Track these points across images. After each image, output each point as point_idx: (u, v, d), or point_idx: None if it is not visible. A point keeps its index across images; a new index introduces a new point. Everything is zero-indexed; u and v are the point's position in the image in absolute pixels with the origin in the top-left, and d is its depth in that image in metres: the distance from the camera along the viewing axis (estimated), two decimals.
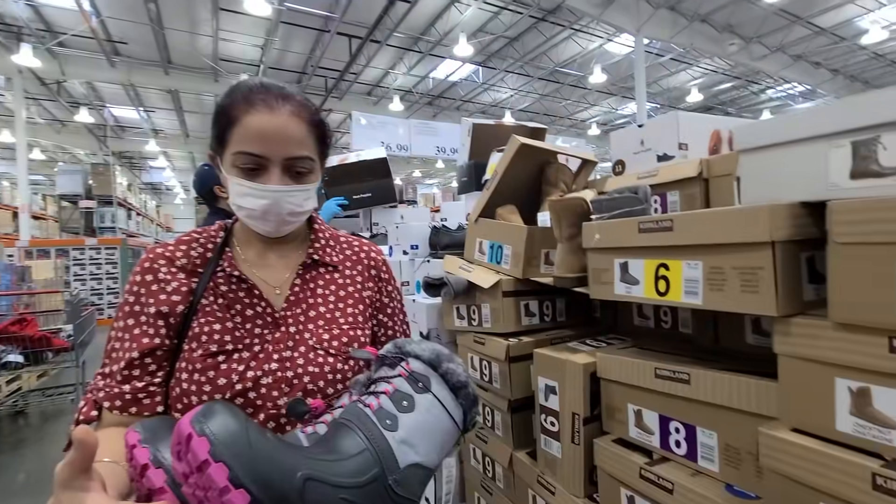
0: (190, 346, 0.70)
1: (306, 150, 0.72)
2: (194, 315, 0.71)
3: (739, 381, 0.72)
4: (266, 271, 0.79)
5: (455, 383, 0.56)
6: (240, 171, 0.70)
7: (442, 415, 0.55)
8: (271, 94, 0.71)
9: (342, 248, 0.87)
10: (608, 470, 0.91)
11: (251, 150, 0.69)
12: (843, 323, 0.56)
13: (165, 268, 0.73)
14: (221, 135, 0.72)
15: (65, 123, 12.47)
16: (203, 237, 0.79)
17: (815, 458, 0.57)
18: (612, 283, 0.89)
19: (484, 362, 1.30)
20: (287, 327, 0.75)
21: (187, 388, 0.68)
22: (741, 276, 0.65)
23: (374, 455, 0.48)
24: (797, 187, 0.63)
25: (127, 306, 0.71)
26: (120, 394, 0.67)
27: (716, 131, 1.25)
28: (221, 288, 0.74)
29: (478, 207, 1.43)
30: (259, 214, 0.71)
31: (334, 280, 0.83)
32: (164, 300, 0.71)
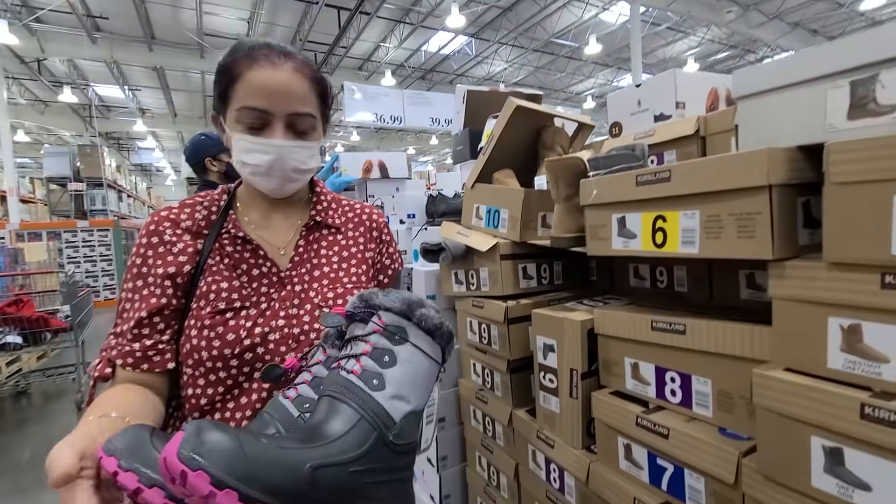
0: (198, 304, 0.71)
1: (309, 106, 0.73)
2: (201, 275, 0.73)
3: (734, 328, 0.74)
4: (270, 233, 0.80)
5: (430, 327, 0.56)
6: (244, 128, 0.71)
7: (423, 359, 0.55)
8: (274, 51, 0.71)
9: (344, 210, 0.89)
10: (605, 420, 0.94)
11: (255, 104, 0.69)
12: (836, 262, 0.57)
13: (171, 230, 0.74)
14: (224, 91, 0.72)
15: (48, 104, 12.17)
16: (207, 200, 0.80)
17: (806, 394, 0.59)
18: (609, 239, 0.89)
19: (483, 325, 1.32)
20: (292, 286, 0.76)
21: (197, 343, 0.70)
22: (738, 223, 0.66)
23: (370, 421, 0.49)
24: (795, 132, 0.63)
25: (135, 268, 0.73)
26: (131, 352, 0.69)
27: (713, 89, 1.24)
28: (227, 249, 0.75)
29: (474, 173, 1.42)
30: (264, 170, 0.72)
31: (337, 241, 0.84)
32: (171, 261, 0.72)
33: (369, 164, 2.39)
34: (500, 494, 1.33)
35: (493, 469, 1.36)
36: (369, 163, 2.39)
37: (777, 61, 0.65)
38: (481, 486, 1.42)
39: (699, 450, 0.75)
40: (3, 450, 3.10)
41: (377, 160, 2.40)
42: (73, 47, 8.90)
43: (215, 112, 0.77)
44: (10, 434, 3.37)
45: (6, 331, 3.47)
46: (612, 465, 0.94)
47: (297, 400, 0.58)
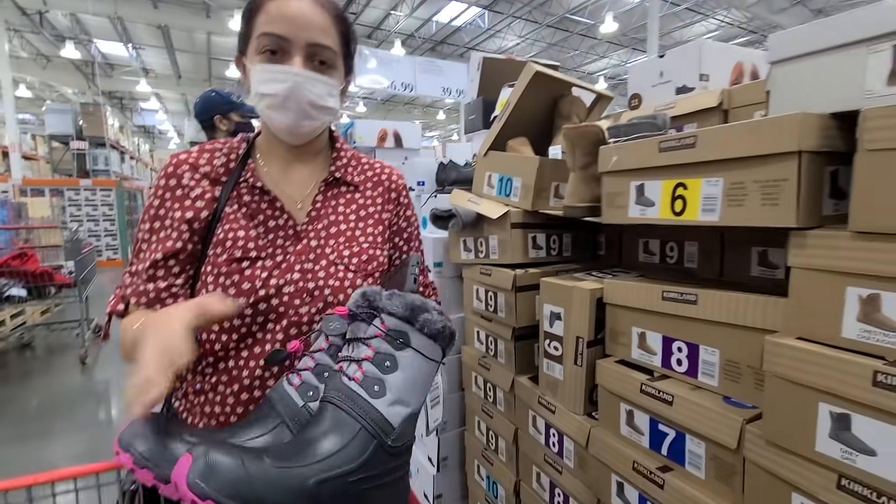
0: (215, 251, 0.71)
1: (330, 39, 0.71)
2: (218, 222, 0.72)
3: (747, 299, 0.74)
4: (288, 186, 0.79)
5: (433, 332, 0.56)
6: (263, 57, 0.69)
7: (424, 363, 0.56)
8: None
9: (363, 168, 0.87)
10: (609, 387, 0.95)
11: (273, 30, 0.68)
12: (862, 231, 0.56)
13: (189, 174, 0.73)
14: (247, 28, 0.71)
15: (50, 59, 11.92)
16: (226, 147, 0.78)
17: (819, 361, 0.59)
18: (626, 207, 0.89)
19: (490, 293, 1.32)
20: (308, 241, 0.76)
21: (212, 290, 0.70)
22: (762, 190, 0.65)
23: (370, 431, 0.50)
24: (829, 99, 0.61)
25: (152, 209, 0.72)
26: (145, 291, 0.70)
27: (738, 63, 1.21)
28: (245, 198, 0.75)
29: (488, 140, 1.40)
30: (280, 101, 0.70)
31: (355, 199, 0.83)
32: (189, 206, 0.72)
33: (384, 133, 2.37)
34: (498, 457, 1.37)
35: (491, 433, 1.39)
36: (384, 131, 2.37)
37: (815, 24, 0.63)
38: (479, 449, 1.46)
39: (703, 416, 0.77)
40: (8, 400, 3.16)
41: (392, 129, 2.38)
42: (76, 0, 8.66)
43: (239, 53, 0.75)
44: (14, 385, 3.44)
45: (10, 283, 3.49)
46: (612, 431, 0.96)
47: (301, 388, 0.59)
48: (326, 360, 0.60)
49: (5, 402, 3.11)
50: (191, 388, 0.75)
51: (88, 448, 2.56)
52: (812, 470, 0.61)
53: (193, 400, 0.74)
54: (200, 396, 0.73)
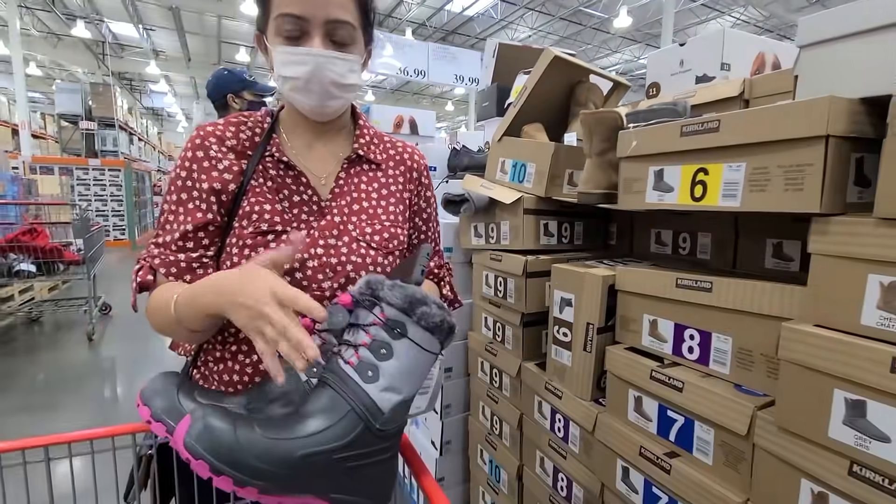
0: (240, 223, 0.72)
1: (348, 14, 0.69)
2: (244, 195, 0.73)
3: (764, 286, 0.74)
4: (312, 162, 0.79)
5: (430, 325, 0.57)
6: (282, 40, 0.69)
7: (420, 354, 0.57)
8: None
9: (386, 147, 0.87)
10: (618, 374, 0.95)
11: (290, 10, 0.67)
12: (887, 217, 0.56)
13: (216, 146, 0.74)
14: (264, 7, 0.70)
15: (61, 37, 11.92)
16: (251, 121, 0.79)
17: (836, 347, 0.59)
18: (643, 192, 0.88)
19: (499, 279, 1.32)
20: (332, 216, 0.76)
21: (237, 261, 0.71)
22: (786, 175, 0.64)
23: (358, 413, 0.53)
24: (859, 83, 0.61)
25: (179, 181, 0.72)
26: (175, 262, 0.70)
27: (761, 54, 1.19)
28: (270, 172, 0.75)
29: (503, 125, 1.39)
30: (302, 84, 0.70)
31: (377, 178, 0.83)
32: (217, 177, 0.72)
33: (400, 119, 2.37)
34: (502, 442, 1.38)
35: (496, 418, 1.40)
36: (400, 118, 2.37)
37: (845, 7, 0.62)
38: (483, 434, 1.47)
39: (714, 402, 0.77)
40: (16, 372, 3.21)
41: (408, 116, 2.38)
42: None
43: (258, 31, 0.74)
44: (21, 358, 3.48)
45: (20, 258, 3.52)
46: (620, 417, 0.96)
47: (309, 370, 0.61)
48: (332, 340, 0.62)
49: (13, 375, 3.16)
50: (210, 357, 0.76)
51: (94, 421, 2.59)
52: (824, 456, 0.61)
53: (213, 367, 0.75)
54: (220, 364, 0.74)
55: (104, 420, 2.60)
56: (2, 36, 10.32)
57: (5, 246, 3.48)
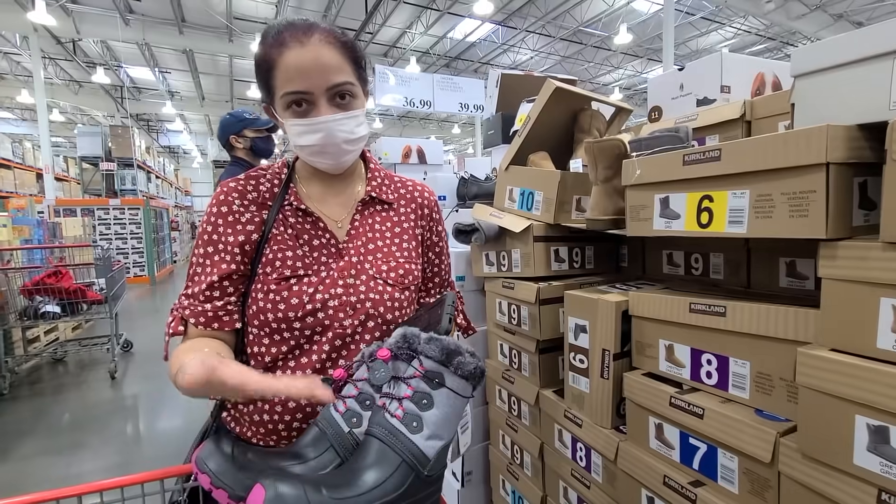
0: (264, 270, 0.76)
1: (345, 75, 0.74)
2: (266, 243, 0.77)
3: (777, 310, 0.74)
4: (328, 207, 0.84)
5: (466, 374, 0.61)
6: (292, 113, 0.74)
7: (457, 401, 0.61)
8: (298, 29, 0.72)
9: (396, 186, 0.92)
10: (637, 401, 0.95)
11: (294, 88, 0.71)
12: (894, 242, 0.56)
13: (238, 201, 0.78)
14: (267, 83, 0.75)
15: (82, 84, 12.51)
16: (269, 173, 0.84)
17: (854, 372, 0.59)
18: (650, 220, 0.89)
19: (513, 306, 1.33)
20: (349, 257, 0.80)
21: (263, 306, 0.75)
22: (790, 202, 0.65)
23: (409, 464, 0.56)
24: (855, 109, 0.62)
25: (206, 235, 0.77)
26: (203, 311, 0.74)
27: (760, 74, 1.21)
28: (290, 220, 0.80)
29: (509, 154, 1.42)
30: (318, 149, 0.75)
31: (390, 217, 0.88)
32: (240, 230, 0.77)
33: (408, 150, 2.43)
34: (524, 472, 1.36)
35: (516, 448, 1.38)
36: (408, 148, 2.44)
37: (839, 37, 0.64)
38: (504, 464, 1.45)
39: (735, 429, 0.76)
40: (42, 413, 3.27)
41: (416, 146, 2.45)
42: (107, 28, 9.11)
43: (265, 104, 0.80)
44: (48, 398, 3.55)
45: (46, 300, 3.63)
46: (641, 445, 0.95)
47: (346, 414, 0.65)
48: (368, 389, 0.66)
49: (40, 415, 3.21)
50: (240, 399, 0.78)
51: (119, 460, 2.62)
52: (850, 484, 0.60)
53: (242, 409, 0.78)
54: (249, 406, 0.77)
55: (129, 459, 2.63)
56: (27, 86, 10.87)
57: (32, 289, 3.59)
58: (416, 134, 17.05)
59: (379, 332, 0.79)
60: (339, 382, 0.69)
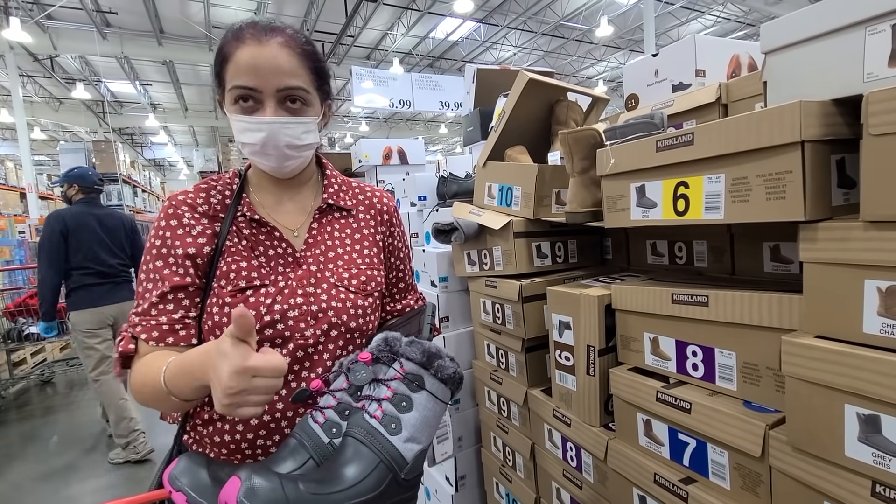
0: (219, 283, 0.72)
1: (299, 80, 0.71)
2: (220, 256, 0.73)
3: (760, 298, 0.71)
4: (282, 215, 0.81)
5: (445, 377, 0.62)
6: (238, 108, 0.71)
7: (436, 405, 0.61)
8: (259, 28, 0.70)
9: (354, 193, 0.90)
10: (624, 397, 0.92)
11: (243, 83, 0.69)
12: (875, 221, 0.54)
13: (189, 213, 0.75)
14: (219, 74, 0.72)
15: (62, 101, 12.33)
16: (220, 184, 0.80)
17: (841, 360, 0.56)
18: (627, 210, 0.86)
19: (497, 305, 1.30)
20: (308, 266, 0.77)
21: (219, 320, 0.71)
22: (767, 184, 0.62)
23: (387, 464, 0.56)
24: (829, 84, 0.59)
25: (154, 249, 0.73)
26: (157, 325, 0.70)
27: (735, 56, 1.18)
28: (244, 231, 0.76)
29: (486, 150, 1.39)
30: (258, 148, 0.72)
31: (349, 224, 0.85)
32: (191, 243, 0.73)
33: (389, 151, 2.39)
34: (517, 474, 1.33)
35: (508, 449, 1.35)
36: (388, 149, 2.39)
37: (808, 9, 0.61)
38: (497, 466, 1.42)
39: (724, 423, 0.73)
40: (33, 436, 3.19)
41: (396, 147, 2.40)
42: (84, 43, 8.96)
43: (219, 97, 0.76)
44: (37, 420, 3.47)
45: (29, 321, 3.55)
46: (631, 442, 0.92)
47: (326, 425, 0.63)
48: (347, 399, 0.64)
49: (30, 439, 3.14)
50: (198, 420, 0.74)
51: (110, 481, 2.56)
52: (843, 476, 0.58)
53: (202, 430, 0.74)
54: (208, 426, 0.73)
55: (119, 480, 2.57)
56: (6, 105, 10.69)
57: (14, 311, 3.51)
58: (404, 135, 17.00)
59: (342, 340, 0.75)
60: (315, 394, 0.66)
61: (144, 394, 0.67)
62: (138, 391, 0.68)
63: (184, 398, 0.62)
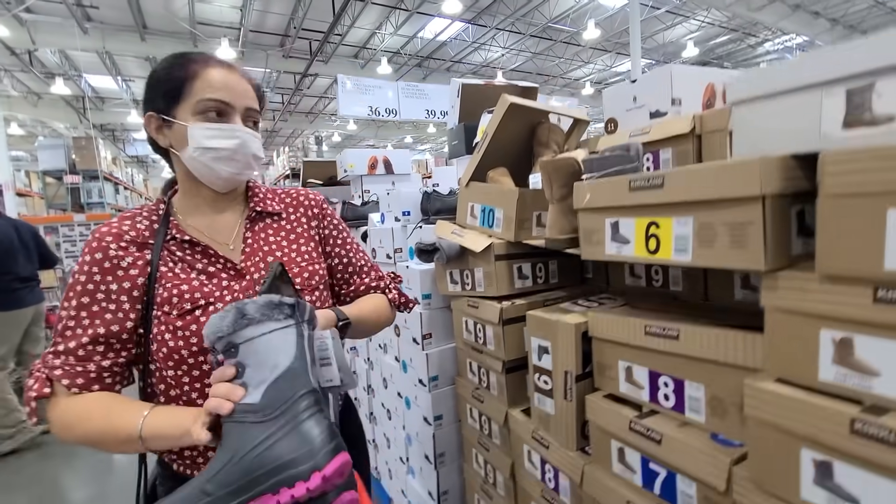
0: (162, 310, 0.72)
1: (256, 104, 0.81)
2: (156, 283, 0.73)
3: (727, 335, 0.74)
4: (214, 232, 0.82)
5: (255, 319, 0.61)
6: (205, 118, 0.75)
7: (264, 343, 0.60)
8: (223, 61, 0.79)
9: (281, 197, 0.94)
10: (599, 424, 0.94)
11: (219, 97, 0.75)
12: (829, 275, 0.56)
13: (115, 244, 0.73)
14: (178, 89, 0.75)
15: (41, 96, 12.01)
16: (146, 210, 0.81)
17: (797, 407, 0.58)
18: (603, 244, 0.88)
19: (478, 325, 1.32)
20: (251, 276, 0.79)
21: (174, 345, 0.71)
22: (730, 232, 0.65)
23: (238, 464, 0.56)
24: (789, 139, 0.62)
25: (79, 286, 0.70)
26: (83, 372, 0.68)
27: (710, 84, 1.21)
28: (177, 254, 0.77)
29: (468, 171, 1.40)
30: (229, 154, 0.76)
31: (282, 227, 0.89)
32: (123, 276, 0.72)
33: (374, 160, 2.39)
34: (497, 492, 1.35)
35: (489, 467, 1.37)
36: (374, 158, 2.39)
37: (771, 67, 0.64)
38: (478, 483, 1.44)
39: (691, 456, 0.76)
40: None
41: (382, 156, 2.40)
42: (64, 38, 8.74)
43: (154, 111, 0.77)
44: None
45: None
46: (605, 468, 0.94)
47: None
48: None
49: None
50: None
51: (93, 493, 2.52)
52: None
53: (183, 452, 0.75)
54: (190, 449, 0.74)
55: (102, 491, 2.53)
56: None
57: None
58: (392, 135, 16.92)
59: None
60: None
61: (81, 434, 0.66)
62: (68, 429, 0.66)
63: (161, 450, 0.64)
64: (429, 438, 1.52)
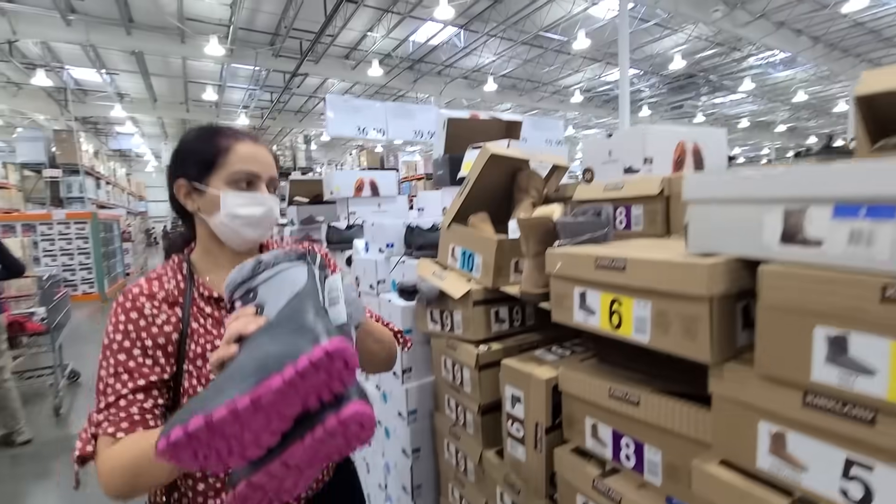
0: (194, 364, 0.77)
1: (276, 173, 0.89)
2: (189, 339, 0.78)
3: (682, 408, 0.79)
4: None
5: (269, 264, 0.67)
6: (237, 187, 0.82)
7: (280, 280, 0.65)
8: (248, 133, 0.88)
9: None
10: (566, 477, 0.99)
11: (251, 168, 0.83)
12: (765, 375, 0.62)
13: (149, 303, 0.78)
14: (213, 161, 0.82)
15: (21, 86, 11.71)
16: (170, 270, 0.85)
17: (734, 493, 0.64)
18: (572, 310, 0.93)
19: (456, 366, 1.36)
20: None
21: None
22: (682, 323, 0.70)
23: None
24: (736, 243, 0.67)
25: (115, 345, 0.74)
26: (127, 417, 0.70)
27: (681, 143, 1.27)
28: (206, 310, 0.82)
29: (450, 213, 1.45)
30: (256, 220, 0.83)
31: None
32: (157, 332, 0.77)
33: (361, 183, 2.42)
34: None
35: (465, 502, 1.42)
36: (361, 181, 2.43)
37: (724, 175, 0.69)
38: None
39: None
40: None
41: (369, 179, 2.44)
42: (47, 29, 8.55)
43: (186, 181, 0.83)
44: None
45: None
46: None
47: None
48: None
49: None
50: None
51: None
52: None
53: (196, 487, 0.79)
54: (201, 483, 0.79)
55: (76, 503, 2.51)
56: None
57: None
58: None
59: None
60: None
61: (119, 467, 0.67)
62: (117, 477, 0.67)
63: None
64: (406, 470, 1.56)
